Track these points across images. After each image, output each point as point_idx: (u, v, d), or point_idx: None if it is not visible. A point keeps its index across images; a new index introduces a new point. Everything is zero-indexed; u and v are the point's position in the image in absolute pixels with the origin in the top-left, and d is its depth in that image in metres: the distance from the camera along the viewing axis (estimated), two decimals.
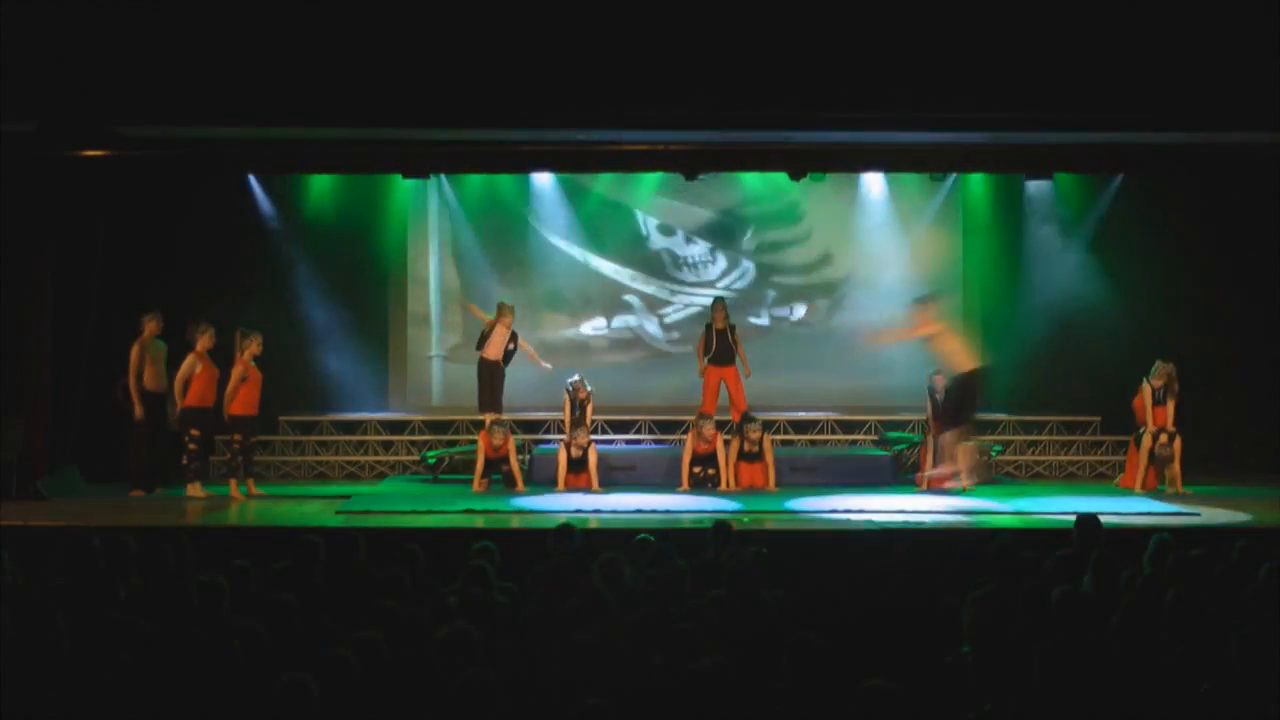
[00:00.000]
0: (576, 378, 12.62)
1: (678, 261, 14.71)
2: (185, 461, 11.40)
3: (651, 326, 14.74)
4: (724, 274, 14.75)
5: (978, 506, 10.98)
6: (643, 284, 14.71)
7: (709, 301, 13.38)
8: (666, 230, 14.71)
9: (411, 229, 14.42)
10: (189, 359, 11.41)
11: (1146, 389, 11.91)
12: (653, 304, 14.75)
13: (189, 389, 11.38)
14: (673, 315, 14.72)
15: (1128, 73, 10.37)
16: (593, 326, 14.63)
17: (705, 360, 12.60)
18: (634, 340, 14.77)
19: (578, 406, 12.45)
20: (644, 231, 14.72)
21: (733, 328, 12.66)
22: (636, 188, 14.54)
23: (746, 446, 12.14)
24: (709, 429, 12.11)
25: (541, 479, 12.13)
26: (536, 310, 14.42)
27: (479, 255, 14.50)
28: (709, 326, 12.68)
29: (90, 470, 12.08)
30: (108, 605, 5.65)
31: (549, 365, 12.94)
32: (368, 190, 14.13)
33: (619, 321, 14.72)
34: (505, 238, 14.56)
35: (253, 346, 11.47)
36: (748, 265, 14.76)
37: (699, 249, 14.70)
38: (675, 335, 14.69)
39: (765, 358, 13.50)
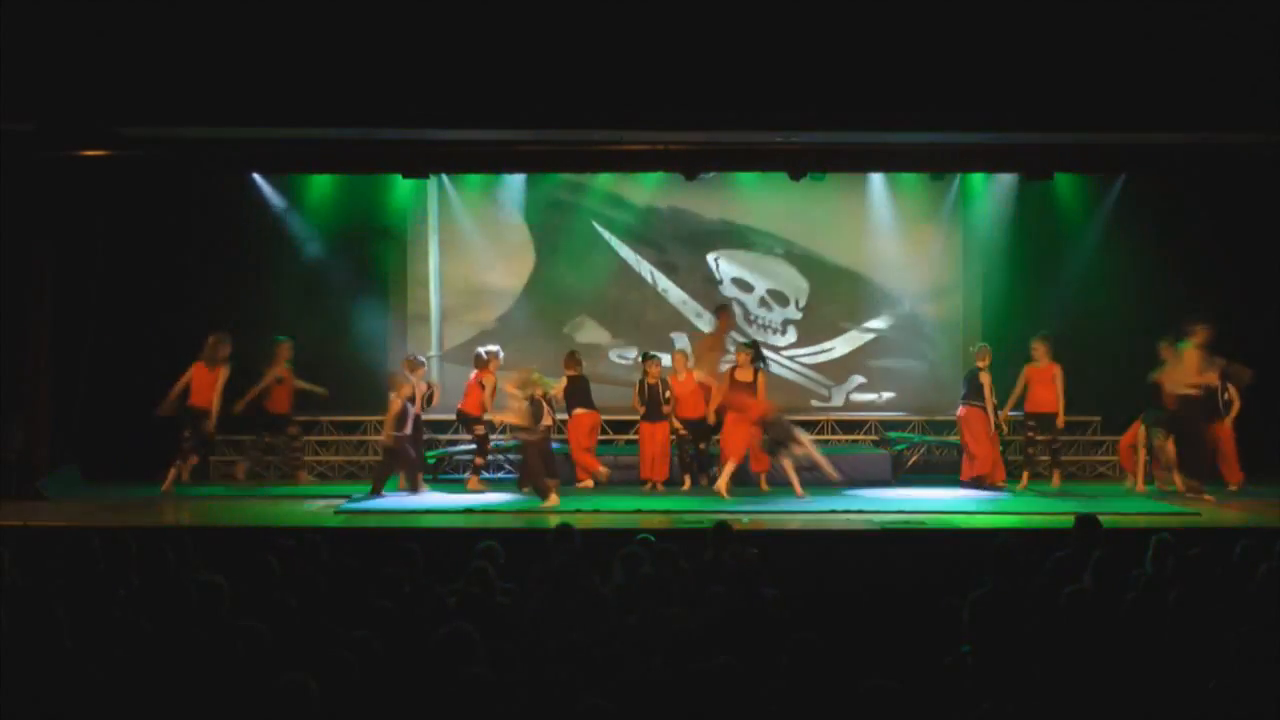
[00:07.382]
0: (494, 348, 12.31)
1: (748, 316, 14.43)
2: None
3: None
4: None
5: (978, 507, 10.99)
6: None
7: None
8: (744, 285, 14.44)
9: (411, 229, 14.40)
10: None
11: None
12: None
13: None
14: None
15: (1127, 73, 10.37)
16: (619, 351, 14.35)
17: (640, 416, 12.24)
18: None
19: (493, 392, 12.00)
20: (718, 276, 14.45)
21: (665, 383, 12.28)
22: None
23: None
24: (655, 367, 12.12)
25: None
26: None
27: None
28: (641, 381, 12.33)
29: (90, 470, 12.08)
30: (108, 605, 5.65)
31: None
32: (368, 190, 14.12)
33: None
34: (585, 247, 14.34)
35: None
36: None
37: (776, 314, 14.42)
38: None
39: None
